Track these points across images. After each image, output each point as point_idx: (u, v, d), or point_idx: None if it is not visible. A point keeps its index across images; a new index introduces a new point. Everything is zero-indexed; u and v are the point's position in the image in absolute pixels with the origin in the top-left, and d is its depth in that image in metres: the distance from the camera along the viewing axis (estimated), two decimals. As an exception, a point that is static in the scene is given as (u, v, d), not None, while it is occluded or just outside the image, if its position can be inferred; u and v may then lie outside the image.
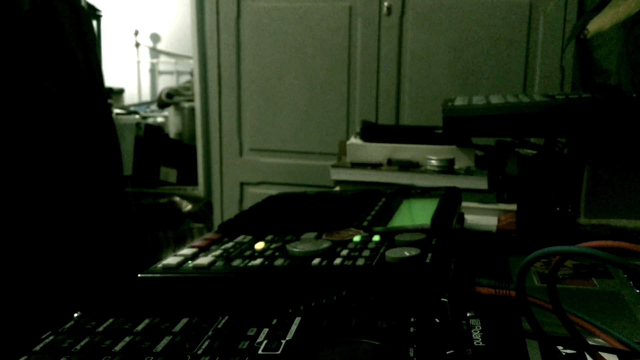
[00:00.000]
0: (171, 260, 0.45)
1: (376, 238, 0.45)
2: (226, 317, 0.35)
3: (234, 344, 0.31)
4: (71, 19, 0.68)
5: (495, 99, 0.76)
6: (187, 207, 2.62)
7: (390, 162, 0.93)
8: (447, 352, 0.30)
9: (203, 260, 0.44)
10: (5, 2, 0.58)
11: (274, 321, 0.34)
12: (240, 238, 0.50)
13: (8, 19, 0.58)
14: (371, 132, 1.00)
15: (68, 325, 0.36)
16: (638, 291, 0.49)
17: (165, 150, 3.11)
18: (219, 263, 0.43)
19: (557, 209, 0.70)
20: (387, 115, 2.03)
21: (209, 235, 0.52)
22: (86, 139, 0.64)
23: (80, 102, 0.64)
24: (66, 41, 0.65)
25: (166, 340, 0.33)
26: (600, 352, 0.34)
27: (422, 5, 1.95)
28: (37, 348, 0.32)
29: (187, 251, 0.47)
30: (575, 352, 0.37)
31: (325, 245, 0.44)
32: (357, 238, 0.46)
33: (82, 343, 0.33)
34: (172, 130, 3.32)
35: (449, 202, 0.57)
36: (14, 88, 0.56)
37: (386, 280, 0.38)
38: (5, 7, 0.58)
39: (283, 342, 0.31)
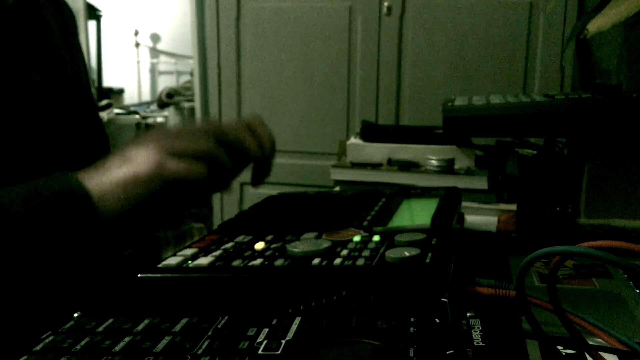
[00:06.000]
0: (171, 260, 0.44)
1: (376, 238, 0.45)
2: (226, 317, 0.35)
3: (234, 344, 0.31)
4: (54, 11, 0.68)
5: (495, 99, 0.76)
6: (187, 207, 2.61)
7: (390, 162, 0.93)
8: (447, 352, 0.30)
9: (203, 260, 0.44)
10: None
11: (274, 321, 0.34)
12: (240, 238, 0.50)
13: None
14: (371, 132, 1.00)
15: (68, 325, 0.36)
16: (638, 291, 0.49)
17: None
18: (219, 263, 0.43)
19: (557, 209, 0.70)
20: (387, 115, 2.03)
21: (209, 235, 0.52)
22: (73, 132, 0.65)
23: (65, 94, 0.65)
24: (51, 34, 0.65)
25: (166, 340, 0.32)
26: (600, 352, 0.34)
27: (422, 5, 1.94)
28: (37, 348, 0.32)
29: (187, 251, 0.47)
30: (575, 352, 0.37)
31: (325, 245, 0.44)
32: (357, 238, 0.46)
33: (82, 343, 0.33)
34: (172, 130, 3.31)
35: (449, 202, 0.57)
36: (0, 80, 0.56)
37: (386, 280, 0.38)
38: None
39: (283, 342, 0.31)
